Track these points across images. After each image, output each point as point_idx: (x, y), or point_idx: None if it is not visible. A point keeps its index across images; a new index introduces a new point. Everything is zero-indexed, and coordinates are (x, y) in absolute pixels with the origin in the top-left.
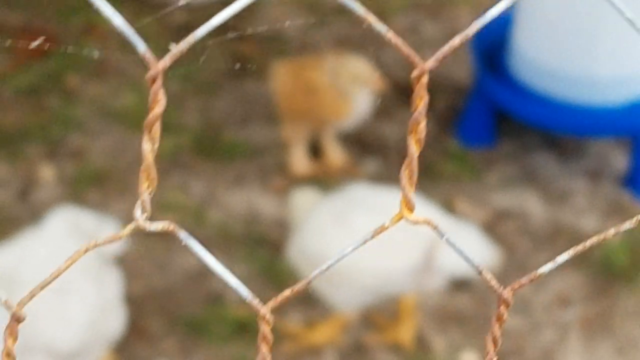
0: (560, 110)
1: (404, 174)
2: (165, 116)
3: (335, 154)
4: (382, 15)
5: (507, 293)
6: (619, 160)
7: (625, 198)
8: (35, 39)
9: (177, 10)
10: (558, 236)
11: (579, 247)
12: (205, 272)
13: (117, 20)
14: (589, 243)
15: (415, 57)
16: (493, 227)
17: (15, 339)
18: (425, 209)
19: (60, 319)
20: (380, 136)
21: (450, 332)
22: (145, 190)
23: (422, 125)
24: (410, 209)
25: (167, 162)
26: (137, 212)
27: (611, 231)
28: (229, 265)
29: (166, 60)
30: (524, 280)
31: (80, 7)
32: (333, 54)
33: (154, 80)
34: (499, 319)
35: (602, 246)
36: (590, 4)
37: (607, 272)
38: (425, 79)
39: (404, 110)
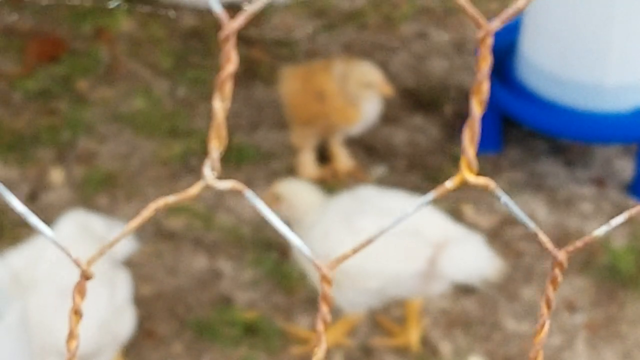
0: (566, 117)
1: (466, 134)
2: (175, 120)
3: (343, 159)
4: (391, 22)
5: (561, 255)
6: (625, 166)
7: (630, 204)
8: (45, 44)
9: (186, 15)
10: (564, 242)
11: (634, 210)
12: (214, 275)
13: None
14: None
15: (480, 19)
16: (500, 233)
17: (83, 296)
18: (432, 215)
19: None
20: (387, 141)
21: (457, 337)
22: (215, 149)
23: (485, 86)
24: (472, 170)
25: (176, 166)
26: (207, 171)
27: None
28: (238, 269)
29: (239, 21)
30: (579, 243)
31: (90, 12)
32: (341, 59)
33: (227, 39)
34: (554, 281)
35: (609, 252)
36: (598, 12)
37: (613, 277)
38: (489, 41)
39: (411, 116)
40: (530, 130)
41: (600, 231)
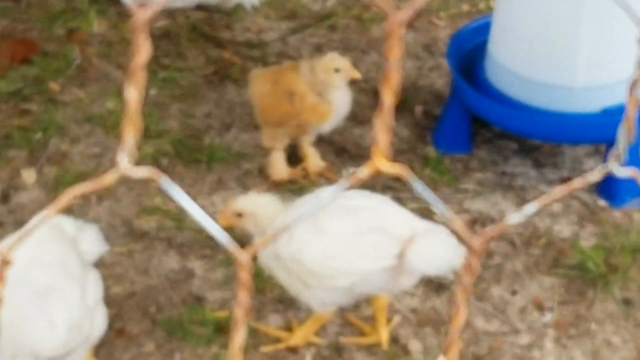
0: (536, 118)
1: (378, 123)
2: (146, 121)
3: (314, 159)
4: (362, 24)
5: (476, 242)
6: (594, 166)
7: (599, 204)
8: (17, 45)
9: (157, 15)
10: (533, 241)
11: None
12: (185, 274)
13: None
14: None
15: (389, 10)
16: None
17: (2, 283)
18: (397, 211)
19: (45, 322)
20: (358, 142)
21: (426, 335)
22: (130, 138)
23: (395, 76)
24: (385, 157)
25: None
26: (121, 159)
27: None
28: (209, 269)
29: (150, 11)
30: (493, 230)
31: (62, 14)
32: (309, 59)
33: (138, 29)
34: (469, 268)
35: (578, 251)
36: (567, 14)
37: (582, 277)
38: (399, 32)
39: None
40: (500, 131)
41: (514, 219)
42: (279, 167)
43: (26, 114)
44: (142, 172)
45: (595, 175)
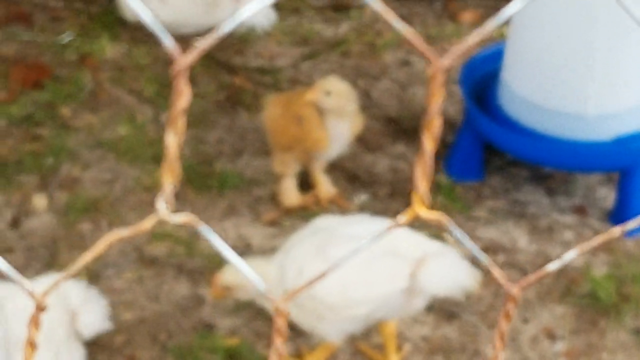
0: (548, 145)
1: (418, 170)
2: (158, 147)
3: (326, 186)
4: (374, 50)
5: (515, 290)
6: (606, 195)
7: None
8: (29, 70)
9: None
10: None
11: (588, 244)
12: (196, 301)
13: (144, 15)
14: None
15: (431, 55)
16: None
17: (38, 328)
18: (407, 234)
19: None
20: (370, 169)
21: None
22: (169, 183)
23: (437, 123)
24: (424, 205)
25: (159, 193)
26: (160, 205)
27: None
28: None
29: (191, 56)
30: (532, 278)
31: (74, 39)
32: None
33: (178, 74)
34: (507, 315)
35: (590, 280)
36: (579, 42)
37: (593, 306)
38: (440, 78)
39: (393, 144)
40: (512, 159)
41: (553, 266)
42: (290, 193)
43: (37, 139)
44: (180, 218)
45: None
